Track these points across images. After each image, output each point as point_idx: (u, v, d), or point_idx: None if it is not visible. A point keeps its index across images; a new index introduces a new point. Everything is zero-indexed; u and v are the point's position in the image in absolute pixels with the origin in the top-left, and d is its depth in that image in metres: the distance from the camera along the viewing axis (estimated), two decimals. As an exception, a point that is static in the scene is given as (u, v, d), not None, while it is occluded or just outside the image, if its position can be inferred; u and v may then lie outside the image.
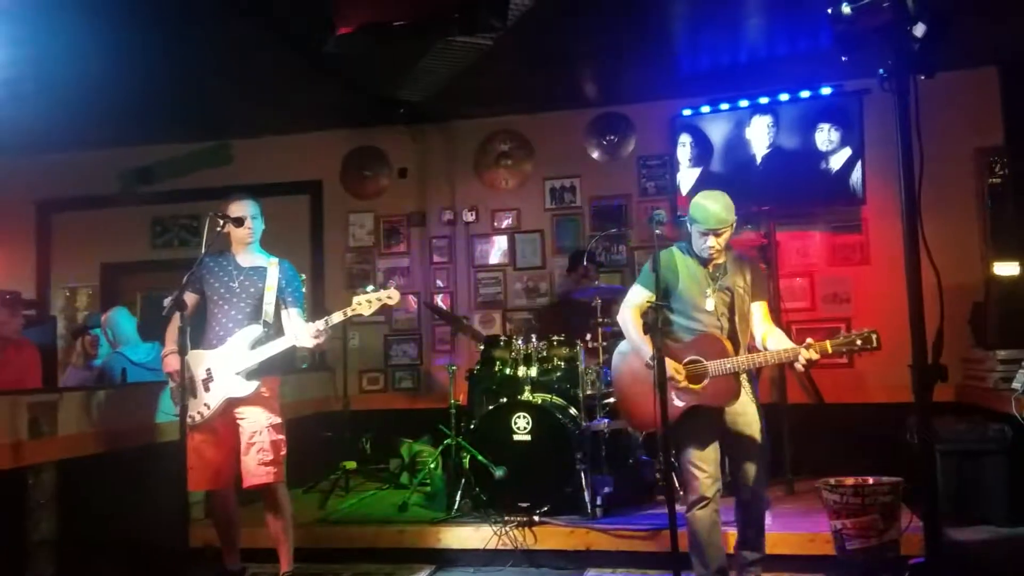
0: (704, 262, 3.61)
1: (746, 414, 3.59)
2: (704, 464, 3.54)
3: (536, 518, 4.63)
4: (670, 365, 3.44)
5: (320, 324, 3.80)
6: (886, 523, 3.52)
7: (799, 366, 3.37)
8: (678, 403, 3.52)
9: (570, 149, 6.69)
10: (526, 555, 4.52)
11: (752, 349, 3.64)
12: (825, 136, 5.70)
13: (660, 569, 4.24)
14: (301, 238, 7.04)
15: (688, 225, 3.61)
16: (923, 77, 2.33)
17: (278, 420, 3.97)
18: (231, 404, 3.88)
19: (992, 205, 5.82)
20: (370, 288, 3.87)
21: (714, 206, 3.50)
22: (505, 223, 6.84)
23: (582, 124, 6.66)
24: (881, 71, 2.35)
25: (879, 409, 5.47)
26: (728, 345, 3.50)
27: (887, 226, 5.82)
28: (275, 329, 3.96)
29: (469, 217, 6.85)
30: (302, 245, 7.02)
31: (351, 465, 5.77)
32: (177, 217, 7.27)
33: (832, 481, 3.73)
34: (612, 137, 6.63)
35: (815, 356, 3.28)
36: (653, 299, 3.51)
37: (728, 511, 3.77)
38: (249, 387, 3.84)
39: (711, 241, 3.50)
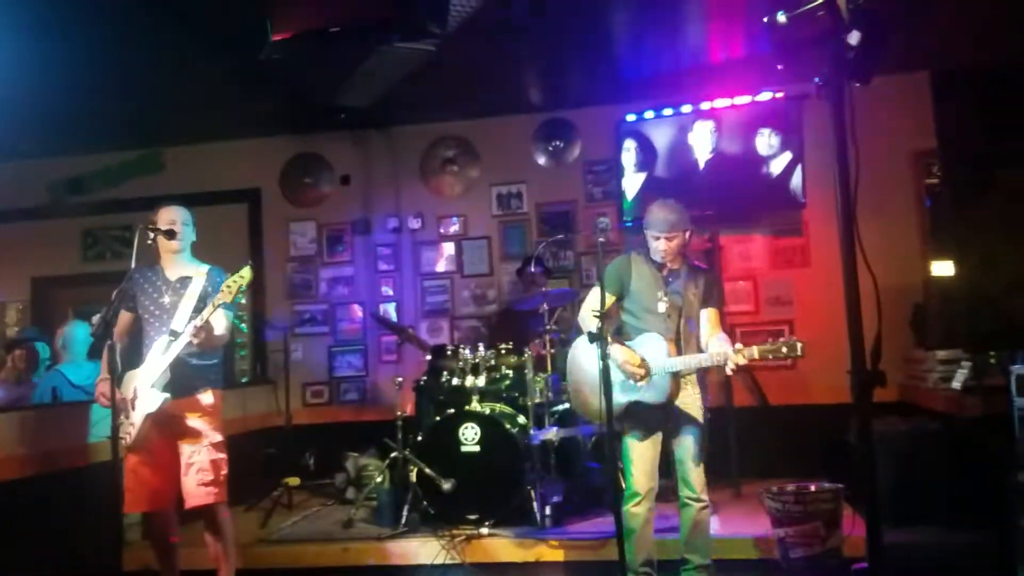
0: (659, 267, 3.73)
1: (689, 418, 3.69)
2: (640, 461, 3.66)
3: (485, 530, 4.58)
4: (628, 356, 3.59)
5: (197, 322, 3.62)
6: (828, 530, 3.54)
7: (728, 370, 3.47)
8: (621, 398, 3.64)
9: (516, 155, 6.66)
10: (476, 568, 4.46)
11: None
12: (766, 141, 5.76)
13: (610, 579, 4.22)
14: (239, 248, 6.86)
15: (644, 230, 3.76)
16: (858, 84, 2.34)
17: (219, 438, 3.84)
18: (167, 423, 3.73)
19: (930, 205, 5.93)
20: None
21: (664, 213, 3.67)
22: (452, 230, 6.77)
23: (527, 130, 6.63)
24: (816, 79, 2.36)
25: (823, 410, 5.52)
26: (672, 347, 3.62)
27: (827, 229, 5.90)
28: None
29: (415, 224, 6.77)
30: (240, 255, 6.80)
31: (294, 481, 5.64)
32: (109, 228, 7.05)
33: (774, 489, 3.74)
34: (558, 143, 6.61)
35: (743, 360, 3.40)
36: (612, 299, 3.75)
37: (673, 516, 3.78)
38: (159, 399, 3.65)
39: (662, 244, 3.66)
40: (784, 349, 3.35)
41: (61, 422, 4.50)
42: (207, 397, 3.86)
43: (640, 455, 3.67)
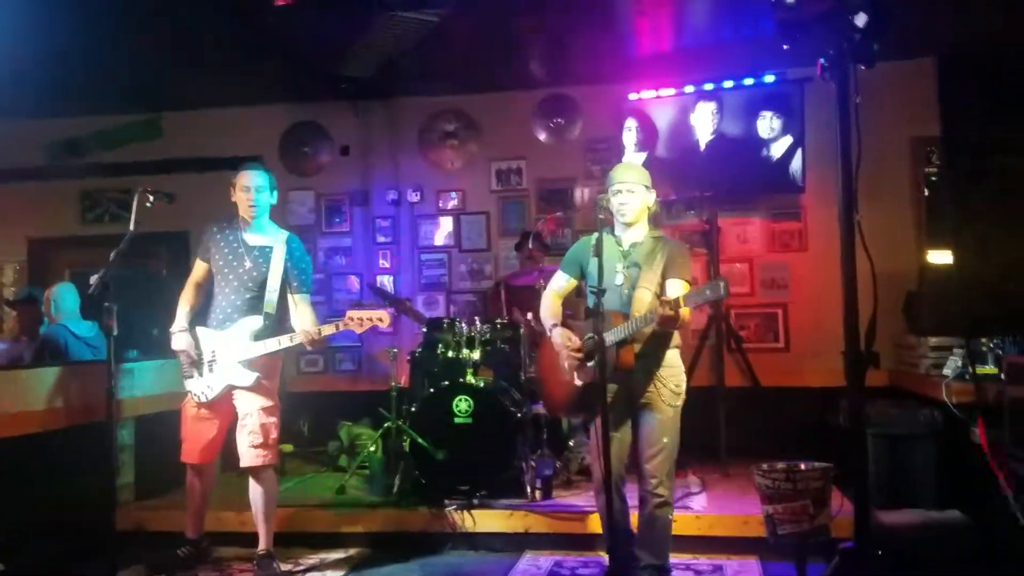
0: (620, 240, 3.58)
1: (654, 401, 3.50)
2: (598, 448, 3.37)
3: (475, 501, 4.61)
4: (565, 339, 3.56)
5: (314, 334, 3.82)
6: (817, 508, 3.55)
7: (655, 323, 3.27)
8: (577, 382, 3.58)
9: (517, 130, 6.63)
10: (465, 538, 4.51)
11: None
12: (767, 123, 5.75)
13: (596, 552, 4.27)
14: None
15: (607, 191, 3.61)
16: (863, 67, 2.35)
17: (271, 403, 3.96)
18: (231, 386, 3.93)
19: (927, 194, 5.95)
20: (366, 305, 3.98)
21: (621, 168, 3.62)
22: (450, 204, 6.76)
23: (529, 105, 6.60)
24: (822, 60, 2.36)
25: (814, 393, 5.57)
26: (618, 319, 3.38)
27: (824, 214, 5.92)
28: (279, 316, 3.96)
29: (414, 197, 6.76)
30: (239, 223, 6.83)
31: (288, 448, 5.68)
32: (107, 191, 7.02)
33: (764, 466, 3.75)
34: (559, 119, 6.59)
35: (670, 312, 3.17)
36: (573, 283, 3.71)
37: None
38: (250, 377, 3.87)
39: (621, 198, 3.51)
40: (708, 292, 3.14)
41: (64, 381, 4.48)
42: (271, 360, 3.99)
43: (598, 442, 3.34)
